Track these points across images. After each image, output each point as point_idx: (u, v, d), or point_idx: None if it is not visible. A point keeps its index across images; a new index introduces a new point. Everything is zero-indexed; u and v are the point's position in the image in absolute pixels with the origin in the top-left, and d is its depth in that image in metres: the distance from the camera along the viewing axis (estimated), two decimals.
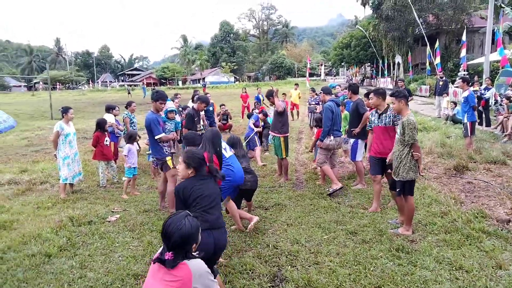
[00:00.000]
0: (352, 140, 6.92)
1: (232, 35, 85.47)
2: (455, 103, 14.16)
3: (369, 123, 5.63)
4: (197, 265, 2.33)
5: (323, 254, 4.31)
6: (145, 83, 69.74)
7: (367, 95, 7.35)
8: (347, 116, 8.99)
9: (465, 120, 8.78)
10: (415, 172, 4.53)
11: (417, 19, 23.22)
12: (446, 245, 4.34)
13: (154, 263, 2.32)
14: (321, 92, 7.37)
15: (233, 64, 75.03)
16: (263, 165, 8.70)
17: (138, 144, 7.98)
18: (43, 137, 14.76)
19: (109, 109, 8.51)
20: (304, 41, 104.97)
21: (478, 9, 31.42)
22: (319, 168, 7.12)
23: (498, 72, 15.14)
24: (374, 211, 5.53)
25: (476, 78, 18.07)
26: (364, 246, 4.45)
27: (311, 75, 69.84)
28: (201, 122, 7.17)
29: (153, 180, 7.99)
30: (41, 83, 68.54)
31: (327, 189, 6.57)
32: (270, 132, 7.62)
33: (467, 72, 21.75)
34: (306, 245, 4.56)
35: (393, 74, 37.93)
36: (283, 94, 13.84)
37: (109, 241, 4.86)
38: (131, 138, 7.06)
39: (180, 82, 76.04)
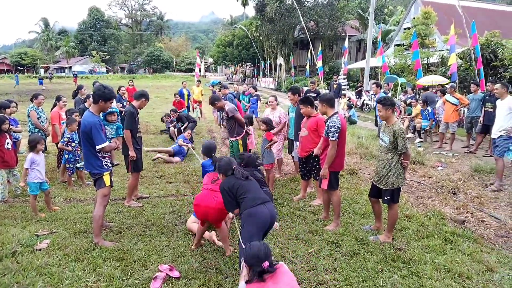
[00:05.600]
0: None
1: (102, 22, 78.28)
2: (350, 106, 15.35)
3: (336, 133, 4.72)
4: None
5: (320, 271, 4.00)
6: None
7: (305, 101, 5.73)
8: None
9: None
10: (403, 179, 4.52)
11: (302, 23, 24.55)
12: (431, 251, 4.44)
13: None
14: (222, 88, 10.50)
15: (104, 53, 69.21)
16: None
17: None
18: None
19: (1, 107, 6.64)
20: (181, 35, 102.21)
21: (350, 19, 34.99)
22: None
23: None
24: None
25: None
26: (356, 258, 4.27)
27: (190, 70, 68.59)
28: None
29: (68, 190, 6.61)
30: None
31: None
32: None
33: (345, 77, 23.94)
34: (296, 262, 4.19)
35: (275, 75, 39.69)
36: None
37: (54, 279, 3.72)
38: (34, 145, 5.49)
39: (42, 71, 67.10)
